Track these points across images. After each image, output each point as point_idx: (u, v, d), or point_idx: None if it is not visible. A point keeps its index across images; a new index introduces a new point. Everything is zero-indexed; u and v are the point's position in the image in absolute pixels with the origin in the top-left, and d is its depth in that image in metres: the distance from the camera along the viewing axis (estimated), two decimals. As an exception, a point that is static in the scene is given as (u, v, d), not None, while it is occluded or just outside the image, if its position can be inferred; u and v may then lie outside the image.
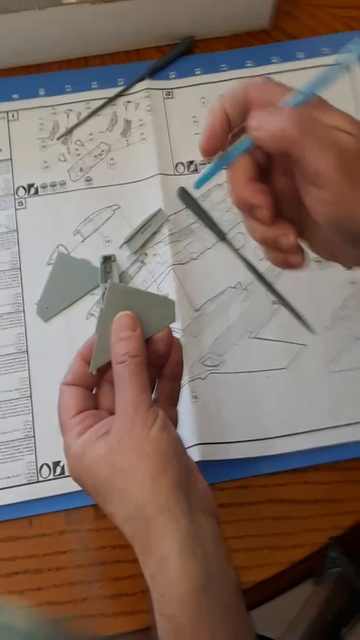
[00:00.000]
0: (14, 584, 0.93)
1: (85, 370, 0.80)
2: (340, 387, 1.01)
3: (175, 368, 0.83)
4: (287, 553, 0.95)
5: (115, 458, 0.72)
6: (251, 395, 1.01)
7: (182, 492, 0.72)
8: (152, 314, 0.79)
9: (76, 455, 0.75)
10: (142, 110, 1.13)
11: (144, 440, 0.72)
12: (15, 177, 1.10)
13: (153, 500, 0.70)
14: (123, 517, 0.72)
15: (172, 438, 0.74)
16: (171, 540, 0.69)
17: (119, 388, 0.75)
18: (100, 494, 0.74)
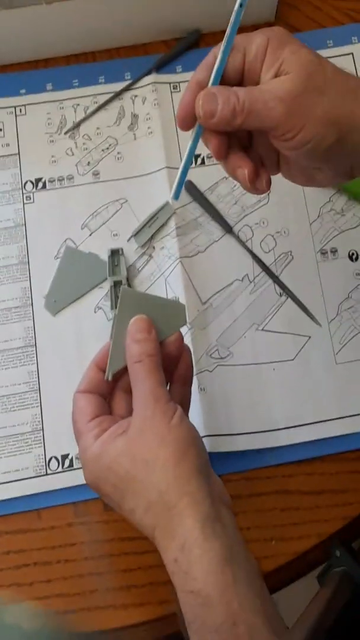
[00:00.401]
0: (23, 576, 0.94)
1: (100, 377, 0.81)
2: (346, 378, 1.02)
3: (185, 372, 0.84)
4: (294, 544, 0.95)
5: (136, 449, 0.73)
6: (258, 387, 1.01)
7: (203, 477, 0.73)
8: (164, 318, 0.80)
9: (93, 456, 0.76)
10: (149, 104, 1.13)
11: (165, 428, 0.73)
12: (23, 171, 1.10)
13: (175, 485, 0.71)
14: (144, 506, 0.73)
15: (191, 428, 0.76)
16: (193, 520, 0.70)
17: (136, 384, 0.76)
18: (120, 490, 0.74)
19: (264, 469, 0.98)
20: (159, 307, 0.81)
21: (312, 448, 0.99)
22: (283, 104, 0.69)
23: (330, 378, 1.02)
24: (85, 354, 1.01)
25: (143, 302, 0.81)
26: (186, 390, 0.85)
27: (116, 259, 1.05)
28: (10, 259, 1.06)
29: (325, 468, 0.98)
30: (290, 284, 1.04)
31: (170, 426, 0.73)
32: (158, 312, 0.80)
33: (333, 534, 0.95)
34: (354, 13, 1.17)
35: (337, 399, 1.01)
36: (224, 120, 0.71)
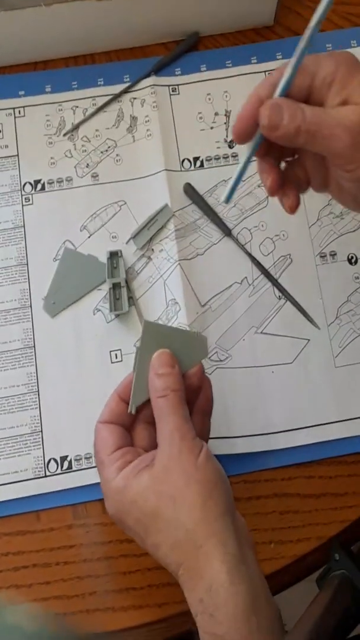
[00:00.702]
0: (21, 578, 0.93)
1: (123, 408, 0.81)
2: (345, 381, 1.02)
3: (205, 403, 0.84)
4: (293, 547, 0.95)
5: (162, 486, 0.73)
6: (257, 390, 1.01)
7: (229, 517, 0.73)
8: (186, 350, 0.81)
9: (117, 489, 0.76)
10: (148, 107, 1.13)
11: (192, 466, 0.73)
12: (22, 173, 1.10)
13: (203, 524, 0.71)
14: (170, 543, 0.73)
15: (218, 467, 0.76)
16: (220, 563, 0.70)
17: (162, 419, 0.76)
18: (144, 524, 0.74)
19: (263, 471, 0.98)
20: (181, 339, 0.82)
21: (311, 451, 0.99)
22: (350, 135, 0.68)
23: (329, 381, 1.02)
24: (84, 356, 1.02)
25: (165, 335, 0.81)
26: (206, 422, 0.85)
27: (115, 261, 1.05)
28: (9, 261, 1.06)
29: (325, 471, 0.98)
30: (289, 287, 1.04)
31: (197, 464, 0.74)
32: (180, 345, 0.81)
33: (332, 537, 0.95)
34: (353, 17, 1.17)
35: (336, 402, 1.01)
36: (287, 136, 0.71)
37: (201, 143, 1.12)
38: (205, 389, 0.83)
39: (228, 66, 1.16)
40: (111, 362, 1.02)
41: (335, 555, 0.93)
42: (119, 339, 1.03)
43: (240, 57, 1.16)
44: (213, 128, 1.12)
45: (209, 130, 1.12)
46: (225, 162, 1.11)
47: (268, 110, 0.71)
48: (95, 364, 1.02)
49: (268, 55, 1.16)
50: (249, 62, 1.16)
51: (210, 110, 1.13)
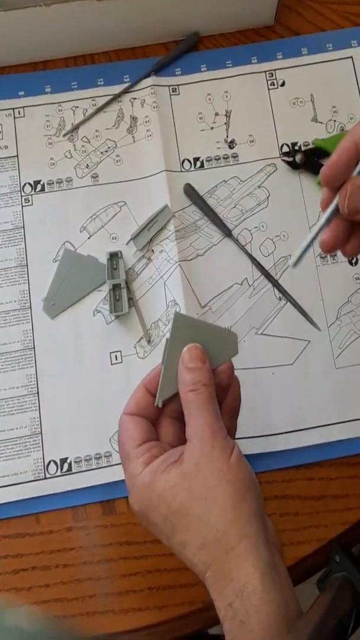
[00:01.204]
0: (21, 580, 0.93)
1: (149, 401, 0.79)
2: (345, 382, 1.02)
3: (233, 403, 0.82)
4: (293, 549, 0.95)
5: (193, 483, 0.71)
6: (257, 391, 1.01)
7: (261, 521, 0.72)
8: (215, 346, 0.79)
9: (144, 484, 0.74)
10: (148, 107, 1.13)
11: (224, 465, 0.72)
12: (22, 174, 1.10)
13: (235, 526, 0.70)
14: (199, 543, 0.71)
15: (250, 469, 0.75)
16: (253, 568, 0.68)
17: (192, 414, 0.74)
18: (172, 522, 0.72)
19: (263, 473, 0.98)
20: (211, 335, 0.80)
21: (312, 453, 0.99)
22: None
23: (329, 382, 1.01)
24: (84, 357, 1.02)
25: (195, 328, 0.80)
26: (233, 422, 0.83)
27: (115, 262, 1.05)
28: (8, 262, 1.06)
29: (325, 473, 0.98)
30: (289, 288, 1.04)
31: (229, 464, 0.72)
32: (209, 340, 0.79)
33: (333, 539, 0.95)
34: (353, 16, 1.17)
35: (336, 403, 1.01)
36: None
37: (201, 143, 1.11)
38: (233, 388, 0.82)
39: (228, 66, 1.16)
40: (111, 363, 1.02)
41: (336, 557, 0.93)
42: (119, 340, 1.03)
43: (240, 57, 1.16)
44: (213, 128, 1.12)
45: (209, 130, 1.12)
46: (226, 163, 1.11)
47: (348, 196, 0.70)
48: (95, 365, 1.02)
49: (268, 55, 1.16)
50: (250, 62, 1.16)
51: (210, 111, 1.13)
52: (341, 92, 1.14)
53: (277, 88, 1.14)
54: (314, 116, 1.13)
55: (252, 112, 1.13)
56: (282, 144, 1.11)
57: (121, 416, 0.80)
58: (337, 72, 1.15)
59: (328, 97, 1.13)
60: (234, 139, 1.11)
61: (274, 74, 1.14)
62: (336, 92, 1.14)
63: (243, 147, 1.11)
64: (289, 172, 1.10)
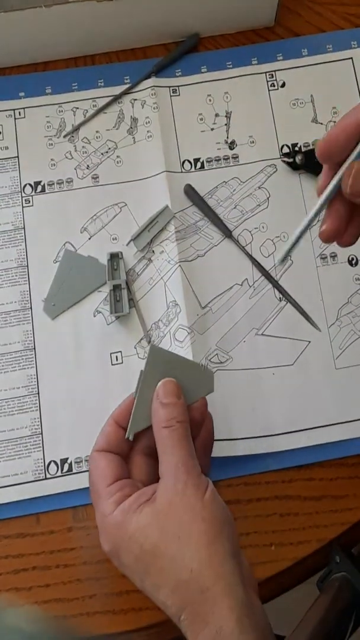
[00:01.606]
0: (21, 580, 0.93)
1: (119, 435, 0.78)
2: (346, 383, 1.02)
3: (207, 439, 0.82)
4: (293, 549, 0.95)
5: (166, 522, 0.70)
6: (257, 392, 1.01)
7: (236, 560, 0.70)
8: (191, 382, 0.78)
9: (115, 524, 0.72)
10: (149, 108, 1.13)
11: (198, 503, 0.70)
12: (22, 174, 1.10)
13: (210, 565, 0.68)
14: (173, 585, 0.69)
15: (224, 506, 0.73)
16: (229, 610, 0.67)
17: (166, 451, 0.73)
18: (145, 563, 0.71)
19: (263, 474, 0.98)
20: (187, 370, 0.79)
21: (312, 453, 0.99)
22: None
23: (329, 383, 1.01)
24: (84, 358, 1.02)
25: (171, 363, 0.79)
26: (207, 458, 0.83)
27: (115, 263, 1.05)
28: (9, 262, 1.06)
29: (325, 473, 0.98)
30: (289, 289, 1.04)
31: (203, 502, 0.71)
32: (185, 375, 0.78)
33: (333, 540, 0.95)
34: (353, 18, 1.17)
35: (336, 404, 1.01)
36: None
37: (202, 144, 1.11)
38: (207, 424, 0.82)
39: (228, 67, 1.16)
40: (111, 364, 1.02)
41: (336, 557, 0.93)
42: (120, 340, 1.03)
43: (240, 58, 1.16)
44: (214, 129, 1.12)
45: (209, 131, 1.12)
46: (226, 164, 1.11)
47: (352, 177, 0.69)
48: (96, 366, 1.02)
49: (269, 56, 1.16)
50: (250, 63, 1.16)
51: (210, 112, 1.13)
52: (341, 93, 1.14)
53: (277, 89, 1.14)
54: (314, 117, 1.13)
55: (252, 113, 1.13)
56: (283, 144, 1.11)
57: (91, 453, 0.79)
58: (337, 73, 1.15)
59: (328, 98, 1.14)
60: (234, 140, 1.11)
61: (274, 75, 1.14)
62: (336, 93, 1.14)
63: (243, 148, 1.11)
64: (289, 173, 1.10)
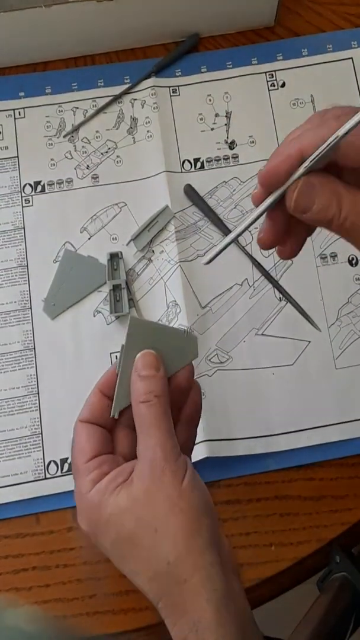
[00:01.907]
0: (21, 580, 0.93)
1: (104, 405, 0.76)
2: (346, 383, 1.02)
3: (193, 412, 0.78)
4: (293, 549, 0.95)
5: (142, 511, 0.68)
6: (257, 391, 1.01)
7: (215, 549, 0.68)
8: (175, 350, 0.76)
9: (91, 505, 0.70)
10: (149, 108, 1.13)
11: (176, 492, 0.68)
12: (22, 174, 1.10)
13: (187, 559, 0.67)
14: (149, 575, 0.68)
15: (203, 491, 0.71)
16: (207, 602, 0.65)
17: (144, 431, 0.71)
18: (121, 549, 0.69)
19: (263, 474, 0.98)
20: (170, 338, 0.76)
21: (312, 453, 0.99)
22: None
23: (329, 383, 1.01)
24: (84, 358, 1.02)
25: (152, 333, 0.76)
26: (192, 432, 0.80)
27: (115, 263, 1.05)
28: (9, 262, 1.06)
29: (325, 473, 0.98)
30: (289, 289, 1.04)
31: (181, 490, 0.68)
32: (168, 344, 0.76)
33: (333, 540, 0.95)
34: (354, 18, 1.17)
35: (336, 404, 1.01)
36: (315, 222, 0.67)
37: (202, 144, 1.11)
38: (193, 395, 0.78)
39: (228, 67, 1.16)
40: (111, 364, 1.01)
41: (336, 557, 0.93)
42: (119, 340, 1.01)
43: (240, 58, 1.16)
44: (214, 129, 1.12)
45: (209, 131, 1.12)
46: (226, 164, 1.11)
47: (297, 193, 0.66)
48: (96, 366, 1.01)
49: (269, 56, 1.16)
50: (250, 63, 1.16)
51: (210, 112, 1.13)
52: (341, 93, 1.14)
53: (277, 89, 1.14)
54: (314, 117, 1.13)
55: (252, 113, 1.13)
56: (283, 144, 1.11)
57: (75, 423, 0.77)
58: (337, 73, 1.15)
59: (328, 98, 1.13)
60: (234, 140, 1.11)
61: (274, 75, 1.14)
62: (336, 93, 1.14)
63: (243, 148, 1.11)
64: (289, 172, 1.10)
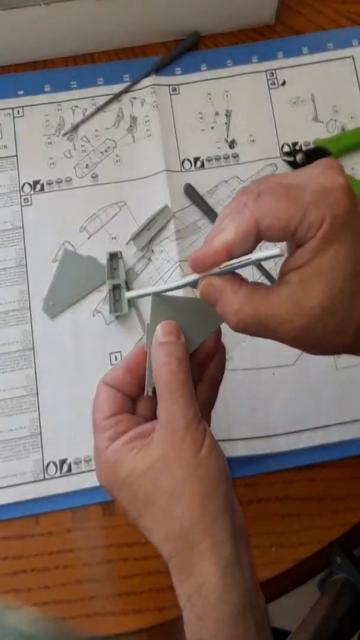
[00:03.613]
0: (20, 582, 0.93)
1: (128, 380, 0.76)
2: (346, 383, 1.01)
3: (216, 371, 0.80)
4: (294, 551, 0.95)
5: (159, 475, 0.69)
6: (258, 392, 1.01)
7: (228, 516, 0.70)
8: (200, 320, 0.76)
9: (108, 463, 0.72)
10: (148, 106, 1.12)
11: (194, 460, 0.69)
12: (21, 173, 1.10)
13: (199, 524, 0.68)
14: (163, 536, 0.70)
15: (220, 458, 0.72)
16: (214, 566, 0.67)
17: (165, 396, 0.71)
18: (137, 508, 0.71)
19: (264, 474, 0.98)
20: (194, 310, 0.76)
21: (313, 454, 0.99)
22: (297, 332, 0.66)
23: (330, 383, 1.01)
24: (83, 358, 1.01)
25: (175, 307, 0.76)
26: (213, 391, 0.81)
27: (115, 263, 1.05)
28: (8, 262, 1.06)
29: (326, 474, 0.98)
30: (290, 289, 1.04)
31: (199, 458, 0.69)
32: (193, 315, 0.76)
33: (334, 541, 0.95)
34: (355, 16, 1.17)
35: (337, 404, 1.00)
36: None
37: (202, 143, 1.11)
38: (218, 355, 0.80)
39: (228, 65, 1.15)
40: (111, 364, 1.01)
41: (337, 558, 0.93)
42: (119, 340, 1.02)
43: (240, 57, 1.16)
44: (213, 128, 1.12)
45: (209, 130, 1.12)
46: (226, 163, 1.10)
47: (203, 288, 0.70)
48: (95, 366, 1.01)
49: (269, 54, 1.16)
50: (250, 61, 1.15)
51: (210, 110, 1.13)
52: (342, 92, 1.13)
53: (277, 87, 1.14)
54: (314, 116, 1.12)
55: (252, 112, 1.13)
56: (283, 143, 1.11)
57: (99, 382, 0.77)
58: (338, 72, 1.14)
59: (329, 96, 1.13)
60: (234, 139, 1.11)
61: (275, 74, 1.14)
62: (337, 92, 1.13)
63: (243, 147, 1.11)
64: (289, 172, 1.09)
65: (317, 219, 0.62)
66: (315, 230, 0.62)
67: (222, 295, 0.68)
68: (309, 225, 0.62)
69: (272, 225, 0.63)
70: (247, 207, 0.65)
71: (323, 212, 0.62)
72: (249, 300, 0.66)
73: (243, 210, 0.65)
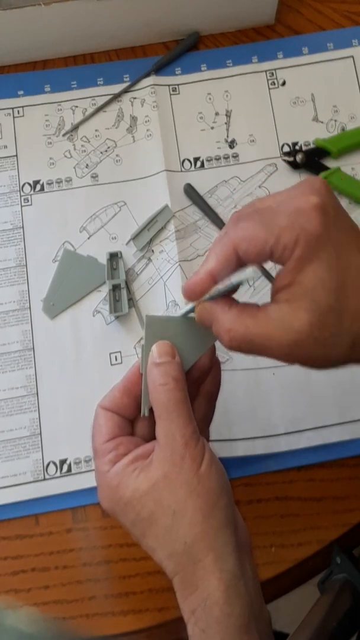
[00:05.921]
0: (20, 582, 0.93)
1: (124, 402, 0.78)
2: (346, 383, 1.01)
3: (212, 387, 0.82)
4: (294, 551, 0.95)
5: (161, 494, 0.70)
6: (258, 392, 1.01)
7: (230, 530, 0.71)
8: (194, 339, 0.77)
9: (110, 486, 0.73)
10: (148, 107, 1.12)
11: (194, 477, 0.70)
12: (21, 173, 1.10)
13: (202, 540, 0.69)
14: (167, 553, 0.70)
15: (220, 473, 0.73)
16: (218, 580, 0.68)
17: (163, 416, 0.73)
18: (141, 528, 0.72)
19: (264, 475, 0.98)
20: (187, 329, 0.77)
21: (313, 454, 0.99)
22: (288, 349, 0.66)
23: (330, 384, 1.01)
24: (83, 358, 1.01)
25: (169, 327, 0.77)
26: (210, 406, 0.83)
27: (115, 263, 1.04)
28: (7, 262, 1.06)
29: (326, 474, 0.98)
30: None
31: (199, 475, 0.70)
32: (187, 334, 0.77)
33: (333, 541, 0.95)
34: (354, 16, 1.17)
35: (337, 404, 1.00)
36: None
37: (202, 143, 1.11)
38: (214, 371, 0.81)
39: (229, 66, 1.15)
40: (111, 364, 1.01)
41: (337, 558, 0.93)
42: (119, 340, 1.02)
43: (241, 57, 1.16)
44: (214, 128, 1.12)
45: (209, 130, 1.12)
46: (226, 163, 1.10)
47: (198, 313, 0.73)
48: (95, 366, 1.01)
49: (269, 54, 1.16)
50: (250, 61, 1.15)
51: (210, 110, 1.13)
52: (342, 92, 1.13)
53: (277, 87, 1.13)
54: (314, 116, 1.12)
55: (252, 112, 1.13)
56: (283, 143, 1.11)
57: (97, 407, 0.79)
58: (338, 72, 1.14)
59: (329, 96, 1.13)
60: (234, 139, 1.11)
61: (275, 74, 1.14)
62: (337, 92, 1.13)
63: (243, 147, 1.11)
64: (289, 172, 1.09)
65: (290, 240, 0.64)
66: (290, 251, 0.64)
67: (215, 317, 0.70)
68: (284, 247, 0.64)
69: (248, 250, 0.66)
70: (227, 234, 0.68)
71: (297, 233, 0.64)
72: (239, 320, 0.68)
73: (223, 238, 0.68)
